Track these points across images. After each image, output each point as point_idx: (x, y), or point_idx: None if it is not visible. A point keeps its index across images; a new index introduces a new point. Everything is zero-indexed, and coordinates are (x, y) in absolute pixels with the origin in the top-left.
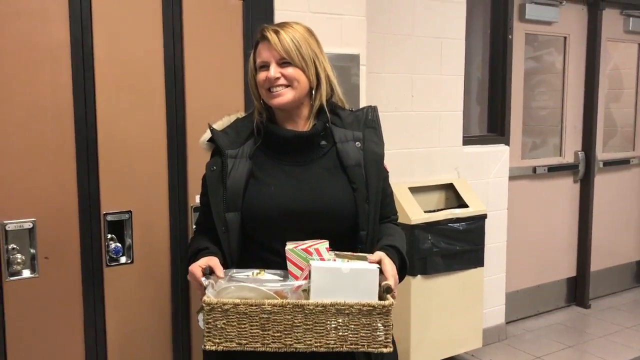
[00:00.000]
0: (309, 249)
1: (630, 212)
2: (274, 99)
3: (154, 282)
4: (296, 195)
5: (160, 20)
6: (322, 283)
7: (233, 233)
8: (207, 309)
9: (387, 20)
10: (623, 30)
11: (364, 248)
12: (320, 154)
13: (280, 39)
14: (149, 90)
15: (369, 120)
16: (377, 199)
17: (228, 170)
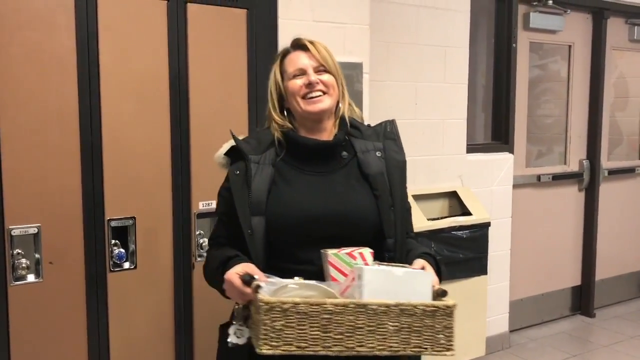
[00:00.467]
0: (353, 254)
1: (635, 221)
2: (313, 104)
3: (156, 288)
4: (319, 202)
5: (166, 28)
6: (375, 286)
7: (258, 237)
8: (265, 309)
9: (391, 28)
10: (628, 39)
11: (392, 256)
12: (342, 164)
13: (317, 48)
14: (154, 97)
15: (388, 132)
16: (402, 206)
17: (252, 173)
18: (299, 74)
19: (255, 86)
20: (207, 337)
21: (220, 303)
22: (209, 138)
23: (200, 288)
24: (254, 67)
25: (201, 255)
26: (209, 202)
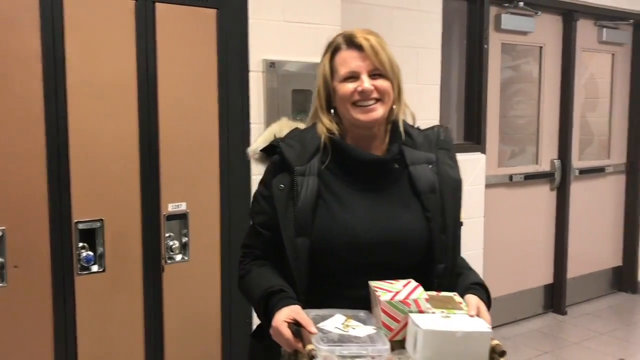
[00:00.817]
0: (407, 301)
1: (605, 219)
2: (366, 114)
3: (126, 292)
4: (369, 227)
5: (134, 28)
6: (432, 348)
7: (303, 260)
8: None
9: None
10: (597, 41)
11: (441, 283)
12: (392, 178)
13: (374, 48)
14: (122, 98)
15: (441, 141)
16: (456, 230)
17: (299, 189)
18: (351, 76)
19: (225, 87)
20: (178, 342)
21: (191, 307)
22: (179, 140)
23: (171, 292)
24: (225, 67)
25: (171, 258)
26: (179, 204)
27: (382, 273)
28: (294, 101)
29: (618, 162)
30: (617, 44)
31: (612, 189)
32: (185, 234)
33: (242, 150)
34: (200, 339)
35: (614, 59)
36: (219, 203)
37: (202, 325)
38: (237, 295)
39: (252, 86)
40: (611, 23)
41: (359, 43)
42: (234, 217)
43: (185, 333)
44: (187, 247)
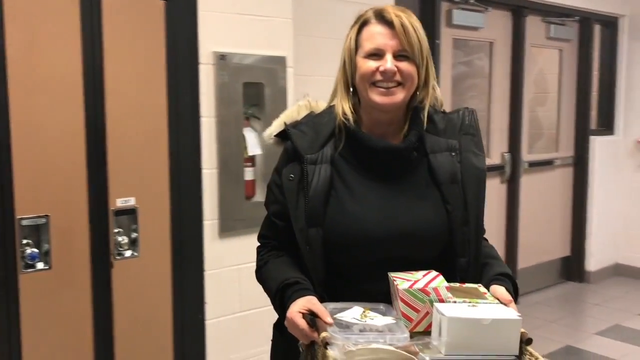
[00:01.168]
0: (427, 289)
1: (554, 210)
2: (383, 96)
3: (73, 289)
4: (385, 219)
5: (78, 19)
6: (458, 336)
7: (317, 251)
8: None
9: (317, 23)
10: (545, 37)
11: (464, 277)
12: (410, 167)
13: (405, 28)
14: (67, 91)
15: (466, 126)
16: (478, 222)
17: (309, 179)
18: (376, 54)
19: (175, 80)
20: (128, 339)
21: (142, 303)
22: (127, 133)
23: (120, 288)
24: (174, 60)
25: (120, 254)
26: (128, 198)
27: (399, 267)
28: (246, 94)
29: (566, 155)
30: (564, 40)
31: (561, 182)
32: (134, 230)
33: (193, 144)
34: (152, 336)
35: (561, 55)
36: (169, 198)
37: (153, 322)
38: (188, 291)
39: (202, 79)
40: (558, 19)
41: (390, 19)
42: (184, 211)
43: (136, 330)
44: (137, 243)
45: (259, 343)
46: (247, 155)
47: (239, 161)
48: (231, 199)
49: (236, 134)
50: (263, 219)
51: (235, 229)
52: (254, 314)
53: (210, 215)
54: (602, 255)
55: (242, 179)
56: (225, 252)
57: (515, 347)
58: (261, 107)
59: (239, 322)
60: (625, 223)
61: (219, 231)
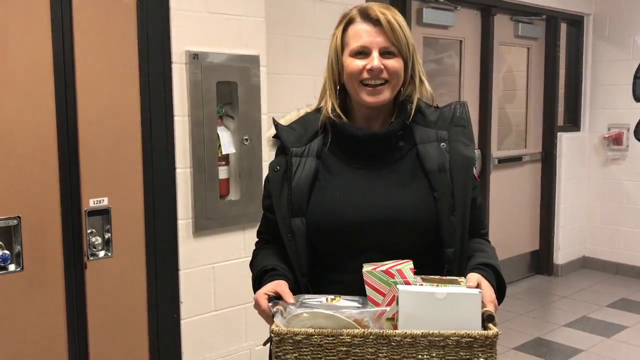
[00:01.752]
0: (390, 271)
1: (523, 205)
2: (371, 95)
3: (46, 291)
4: (364, 204)
5: (48, 18)
6: (412, 311)
7: (300, 241)
8: (276, 340)
9: (288, 22)
10: (514, 35)
11: (451, 269)
12: (397, 156)
13: (391, 25)
14: (37, 90)
15: (457, 118)
16: (465, 211)
17: (293, 170)
18: (362, 52)
19: (147, 78)
20: (103, 340)
21: (118, 305)
22: (99, 133)
23: (94, 289)
24: (146, 58)
25: (94, 255)
26: (101, 199)
27: (385, 256)
28: (219, 93)
29: (534, 151)
30: (532, 38)
31: (529, 177)
32: (108, 230)
33: (166, 144)
34: (127, 336)
35: (529, 53)
36: (142, 197)
37: (128, 322)
38: (163, 290)
39: (175, 78)
40: (526, 18)
41: (375, 17)
42: (158, 211)
43: (111, 331)
44: (111, 243)
45: (235, 341)
46: (221, 154)
47: (213, 160)
48: (205, 198)
49: (210, 133)
50: (260, 218)
51: (209, 228)
52: (229, 313)
53: (184, 214)
54: (569, 249)
55: (216, 178)
56: (199, 251)
57: (476, 324)
58: (235, 106)
59: (214, 320)
60: (592, 217)
61: (194, 230)
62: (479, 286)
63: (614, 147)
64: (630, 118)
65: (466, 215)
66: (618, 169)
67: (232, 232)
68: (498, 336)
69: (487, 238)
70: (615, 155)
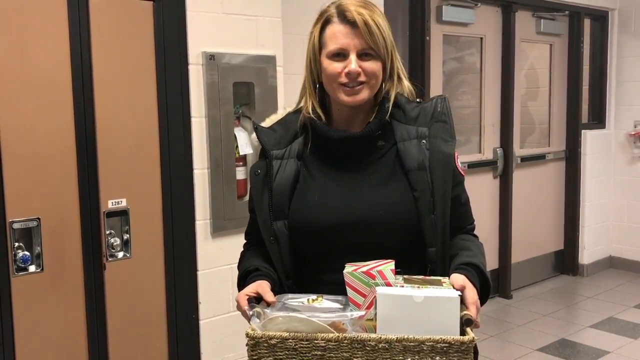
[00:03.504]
0: (371, 272)
1: (546, 204)
2: (349, 96)
3: (66, 291)
4: (342, 206)
5: (66, 21)
6: (389, 314)
7: (283, 244)
8: (251, 344)
9: (306, 22)
10: (535, 32)
11: (434, 268)
12: (377, 156)
13: (368, 26)
14: (55, 93)
15: (438, 113)
16: (444, 209)
17: (274, 173)
18: (339, 53)
19: (164, 80)
20: (122, 341)
21: (136, 304)
22: (117, 135)
23: (113, 290)
24: (162, 61)
25: (112, 255)
26: (119, 200)
27: (366, 256)
28: (236, 94)
29: (558, 150)
30: (555, 35)
31: (553, 176)
32: (126, 231)
33: (184, 145)
34: (146, 337)
35: (552, 49)
36: (160, 198)
37: (147, 323)
38: (182, 291)
39: (191, 79)
40: (548, 14)
41: (352, 18)
42: (176, 212)
43: (130, 331)
44: (129, 244)
45: None
46: (239, 155)
47: (231, 161)
48: (223, 198)
49: (227, 133)
50: None
51: (227, 229)
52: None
53: (202, 215)
54: (595, 248)
55: (233, 179)
56: (217, 251)
57: (454, 329)
58: (251, 106)
59: (232, 321)
60: (618, 215)
61: (212, 231)
62: (464, 288)
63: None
64: None
65: (446, 214)
66: None
67: None
68: (474, 341)
69: (473, 233)
70: None
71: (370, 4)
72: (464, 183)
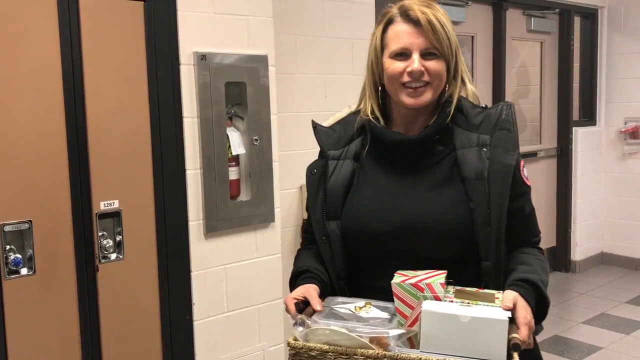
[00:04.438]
0: (420, 285)
1: (538, 202)
2: (412, 98)
3: (59, 294)
4: (390, 211)
5: (56, 22)
6: (434, 332)
7: (335, 245)
8: (292, 353)
9: (298, 21)
10: (526, 30)
11: (488, 282)
12: (434, 161)
13: (432, 25)
14: (46, 95)
15: (502, 121)
16: (500, 222)
17: (329, 173)
18: (402, 53)
19: (155, 81)
20: (116, 343)
21: (130, 307)
22: (108, 135)
23: (106, 292)
24: (154, 61)
25: (105, 257)
26: (111, 201)
27: (415, 265)
28: (228, 94)
29: (549, 147)
30: (545, 33)
31: (544, 173)
32: (119, 232)
33: (176, 145)
34: (140, 338)
35: (542, 47)
36: (153, 199)
37: (141, 324)
38: (176, 292)
39: (183, 79)
40: (539, 12)
41: (415, 17)
42: (169, 213)
43: (124, 333)
44: (122, 246)
45: (248, 342)
46: (231, 155)
47: (223, 161)
48: (216, 199)
49: (219, 133)
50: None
51: (220, 229)
52: (242, 314)
53: (195, 215)
54: (587, 245)
55: (226, 179)
56: (211, 252)
57: (501, 352)
58: (244, 106)
59: (227, 322)
60: (609, 212)
61: (205, 231)
62: (515, 306)
63: (630, 141)
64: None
65: (501, 227)
66: (635, 163)
67: (243, 232)
68: None
69: (538, 247)
70: (633, 149)
71: (434, 4)
72: (529, 193)
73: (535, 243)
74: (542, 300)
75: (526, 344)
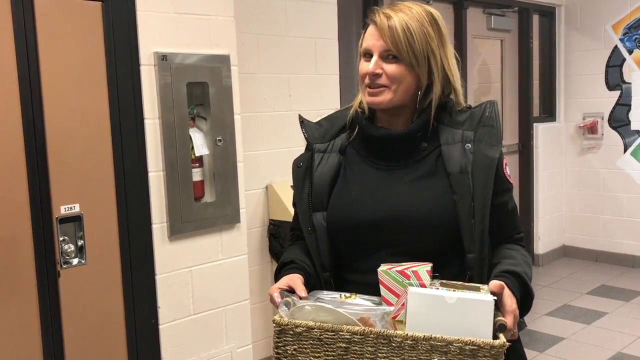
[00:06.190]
0: (406, 272)
1: None
2: (369, 97)
3: (19, 300)
4: (377, 203)
5: (10, 24)
6: (420, 313)
7: (321, 236)
8: (277, 331)
9: (260, 21)
10: (487, 28)
11: (473, 275)
12: (418, 157)
13: (390, 26)
14: (1, 100)
15: (486, 118)
16: (484, 215)
17: (315, 165)
18: (366, 53)
19: (115, 82)
20: (80, 349)
21: (94, 313)
22: (68, 138)
23: (69, 298)
24: (113, 62)
25: (67, 262)
26: (72, 205)
27: (399, 257)
28: (190, 94)
29: (511, 143)
30: (505, 31)
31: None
32: (80, 237)
33: (137, 147)
34: (105, 344)
35: (502, 45)
36: (115, 202)
37: (105, 330)
38: (140, 296)
39: (144, 80)
40: (498, 10)
41: (378, 20)
42: (131, 216)
43: (88, 339)
44: (84, 250)
45: (216, 345)
46: (195, 156)
47: (186, 162)
48: (180, 201)
49: (182, 135)
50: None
51: (185, 231)
52: (208, 316)
53: (158, 218)
54: (549, 238)
55: (190, 181)
56: (176, 255)
57: (487, 334)
58: (206, 107)
59: (193, 324)
60: (570, 205)
61: (169, 234)
62: (501, 295)
63: (589, 135)
64: (604, 107)
65: (485, 219)
66: (594, 158)
67: (208, 234)
68: (505, 347)
69: (521, 243)
70: (591, 144)
71: (408, 6)
72: (511, 191)
73: (519, 240)
74: (527, 292)
75: (511, 333)
